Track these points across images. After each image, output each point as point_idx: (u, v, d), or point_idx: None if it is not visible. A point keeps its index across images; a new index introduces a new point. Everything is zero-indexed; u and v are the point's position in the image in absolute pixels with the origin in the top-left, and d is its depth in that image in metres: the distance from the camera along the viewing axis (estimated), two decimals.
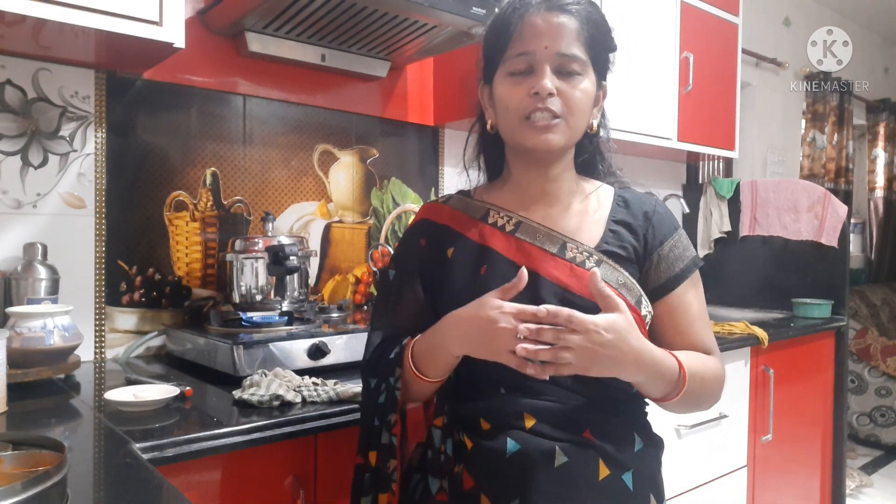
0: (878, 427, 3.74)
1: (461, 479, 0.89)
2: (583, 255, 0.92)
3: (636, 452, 0.90)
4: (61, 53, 1.38)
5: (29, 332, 1.18)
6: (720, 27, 2.58)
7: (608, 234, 0.95)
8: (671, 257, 0.96)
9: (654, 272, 0.95)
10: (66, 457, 0.65)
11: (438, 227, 1.02)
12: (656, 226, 0.96)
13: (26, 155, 1.41)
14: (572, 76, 0.91)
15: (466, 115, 1.93)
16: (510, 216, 0.98)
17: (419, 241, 1.03)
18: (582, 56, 0.91)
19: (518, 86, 0.91)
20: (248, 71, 1.69)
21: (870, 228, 4.60)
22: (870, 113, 4.59)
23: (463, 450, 0.90)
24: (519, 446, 0.86)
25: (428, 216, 1.05)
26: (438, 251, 0.99)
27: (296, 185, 1.80)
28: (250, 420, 1.01)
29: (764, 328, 2.06)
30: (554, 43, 0.90)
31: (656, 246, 0.96)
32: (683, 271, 0.96)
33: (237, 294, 1.53)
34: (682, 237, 0.99)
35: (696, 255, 0.99)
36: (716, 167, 3.13)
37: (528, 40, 0.90)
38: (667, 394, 0.87)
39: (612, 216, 0.97)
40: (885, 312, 4.17)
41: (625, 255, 0.94)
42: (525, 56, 0.91)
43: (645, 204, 0.99)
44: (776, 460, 2.22)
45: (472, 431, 0.90)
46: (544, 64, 0.90)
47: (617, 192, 1.01)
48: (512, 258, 0.93)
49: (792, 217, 2.63)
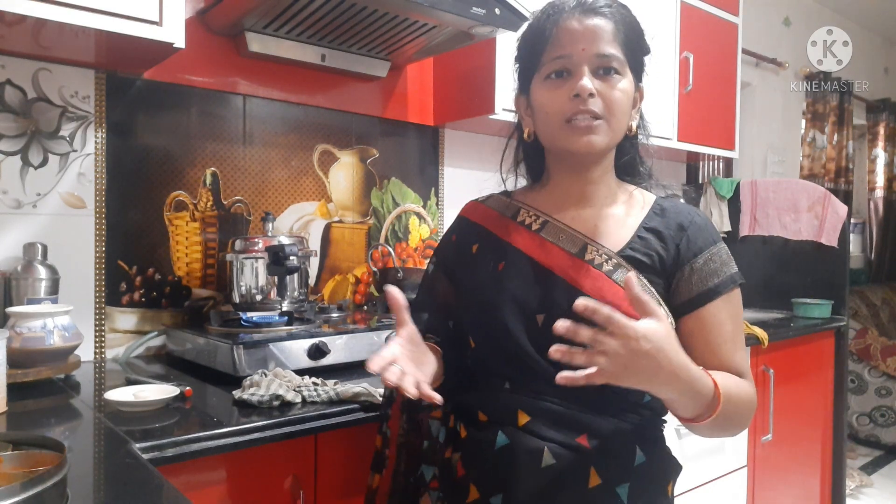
0: (878, 427, 3.74)
1: (455, 467, 0.91)
2: (602, 257, 0.91)
3: (636, 466, 0.88)
4: (61, 53, 1.38)
5: (29, 332, 1.18)
6: (720, 27, 2.58)
7: (635, 240, 0.93)
8: (705, 271, 0.91)
9: (685, 285, 0.91)
10: (66, 457, 0.65)
11: (471, 224, 1.06)
12: (691, 237, 0.93)
13: (26, 155, 1.41)
14: (611, 76, 0.90)
15: (466, 115, 1.94)
16: (538, 215, 0.99)
17: (451, 237, 1.09)
18: (619, 56, 0.91)
19: (557, 90, 0.91)
20: (248, 71, 1.69)
21: (870, 228, 4.60)
22: (870, 113, 4.59)
23: (457, 438, 0.93)
24: (508, 441, 0.87)
25: (465, 213, 1.10)
26: (466, 247, 1.04)
27: (296, 185, 1.80)
28: (250, 420, 1.01)
29: (764, 328, 2.06)
30: (591, 45, 0.89)
31: (689, 258, 0.92)
32: (718, 286, 0.91)
33: (237, 294, 1.53)
34: (721, 252, 0.94)
35: (735, 273, 0.93)
36: (716, 167, 3.13)
37: (565, 44, 0.90)
38: (699, 415, 0.83)
39: (644, 222, 0.95)
40: (885, 312, 4.17)
41: (648, 262, 0.91)
42: (562, 59, 0.91)
43: (682, 215, 0.95)
44: (776, 460, 2.22)
45: (469, 422, 0.93)
46: (582, 66, 0.89)
47: (658, 200, 0.99)
48: (532, 255, 0.95)
49: (792, 217, 2.63)
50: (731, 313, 0.92)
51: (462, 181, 2.15)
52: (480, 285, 0.97)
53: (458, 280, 1.04)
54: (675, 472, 0.95)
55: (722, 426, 0.87)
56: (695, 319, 0.91)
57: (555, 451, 0.85)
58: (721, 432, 0.90)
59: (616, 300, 0.86)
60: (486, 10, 1.51)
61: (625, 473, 0.87)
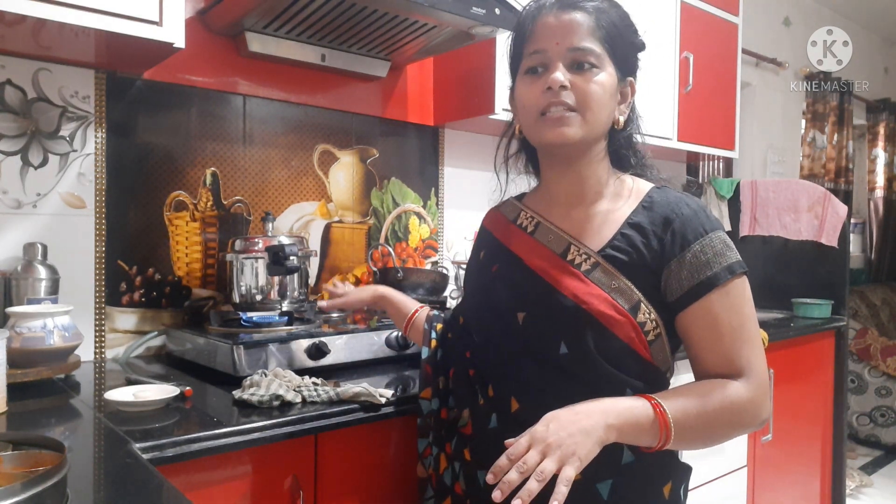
0: (878, 427, 3.74)
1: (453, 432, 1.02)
2: (581, 257, 0.93)
3: (623, 465, 0.87)
4: (61, 53, 1.38)
5: (29, 332, 1.18)
6: (720, 27, 2.58)
7: (617, 237, 0.92)
8: (695, 264, 0.87)
9: (675, 280, 0.88)
10: (66, 457, 0.65)
11: (485, 231, 1.12)
12: (677, 231, 0.89)
13: (26, 155, 1.41)
14: (586, 70, 0.91)
15: (466, 115, 1.94)
16: (533, 217, 1.02)
17: (473, 244, 1.16)
18: (596, 49, 0.91)
19: (533, 84, 0.93)
20: (248, 71, 1.69)
21: (870, 228, 4.60)
22: (870, 113, 4.59)
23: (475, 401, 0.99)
24: (497, 425, 0.93)
25: (483, 221, 1.14)
26: (477, 253, 1.11)
27: (296, 185, 1.80)
28: (250, 420, 1.01)
29: (764, 328, 2.06)
30: (565, 39, 0.91)
31: (675, 253, 0.88)
32: (710, 279, 0.87)
33: (237, 294, 1.53)
34: (714, 242, 0.88)
35: (734, 263, 0.88)
36: (716, 167, 3.13)
37: (541, 39, 0.92)
38: (654, 443, 0.82)
39: (629, 218, 0.93)
40: (885, 312, 4.17)
41: (627, 260, 0.90)
42: (538, 54, 0.93)
43: (670, 207, 0.91)
44: (776, 460, 2.22)
45: (483, 392, 0.98)
46: (556, 60, 0.91)
47: (651, 190, 0.96)
48: (524, 258, 0.98)
49: (792, 217, 2.63)
50: (730, 305, 0.87)
51: (462, 181, 2.15)
52: (476, 289, 1.05)
53: (466, 284, 1.13)
54: (678, 474, 0.94)
55: (698, 440, 0.86)
56: (690, 315, 0.88)
57: None
58: (708, 442, 0.89)
59: (590, 299, 0.88)
60: (486, 10, 1.51)
61: (607, 471, 0.86)
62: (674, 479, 0.93)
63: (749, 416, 0.86)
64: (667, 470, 0.92)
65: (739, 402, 0.85)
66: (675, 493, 0.93)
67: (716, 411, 0.84)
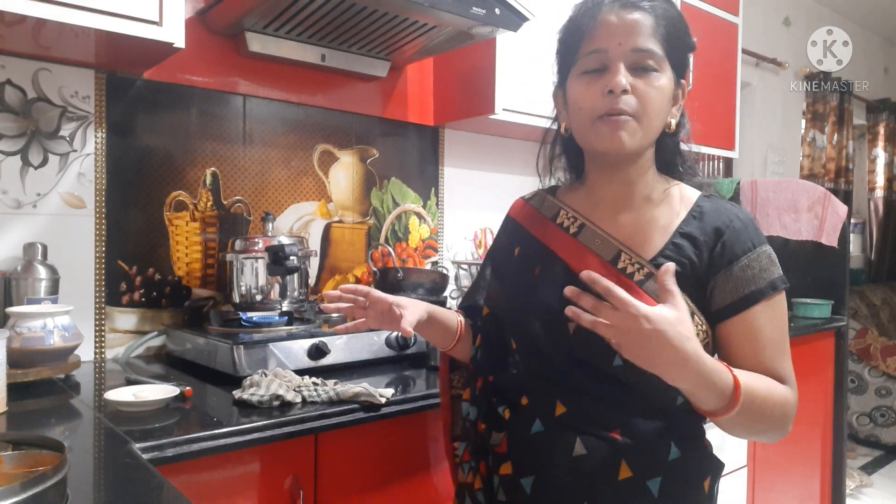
0: (878, 427, 3.74)
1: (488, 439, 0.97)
2: (634, 266, 0.90)
3: (670, 461, 0.87)
4: (61, 53, 1.38)
5: (29, 332, 1.18)
6: (720, 27, 2.58)
7: (669, 247, 0.90)
8: (742, 278, 0.88)
9: (721, 291, 0.88)
10: (66, 457, 0.65)
11: (514, 223, 1.08)
12: (727, 243, 0.89)
13: (26, 155, 1.41)
14: (648, 72, 0.88)
15: (466, 115, 1.94)
16: (576, 218, 0.98)
17: (500, 238, 1.12)
18: (658, 51, 0.88)
19: (591, 85, 0.89)
20: (248, 71, 1.69)
21: (870, 228, 4.60)
22: (870, 113, 4.59)
23: (500, 419, 0.96)
24: (542, 429, 0.90)
25: (511, 212, 1.11)
26: (509, 247, 1.06)
27: (296, 185, 1.80)
28: (250, 420, 1.01)
29: None
30: (628, 39, 0.87)
31: (724, 265, 0.88)
32: (755, 294, 0.88)
33: (237, 294, 1.53)
34: (762, 256, 0.90)
35: (776, 278, 0.90)
36: (716, 167, 3.13)
37: (602, 38, 0.88)
38: (717, 408, 0.81)
39: (680, 227, 0.91)
40: (885, 312, 4.17)
41: (681, 271, 0.87)
42: (598, 54, 0.88)
43: (720, 217, 0.91)
44: (776, 460, 2.22)
45: (511, 404, 0.96)
46: (618, 61, 0.87)
47: (700, 199, 0.94)
48: (568, 261, 0.94)
49: (792, 217, 2.63)
50: (772, 318, 0.89)
51: (462, 181, 2.14)
52: (517, 290, 0.99)
53: (501, 280, 1.07)
54: (714, 469, 0.94)
55: (748, 426, 0.85)
56: (732, 325, 0.88)
57: (587, 442, 0.86)
58: (750, 433, 0.88)
59: None
60: (486, 10, 1.51)
61: (657, 468, 0.86)
62: (712, 474, 0.94)
63: (789, 419, 0.88)
64: (706, 465, 0.93)
65: (790, 404, 0.88)
66: (713, 486, 0.94)
67: (775, 404, 0.85)
